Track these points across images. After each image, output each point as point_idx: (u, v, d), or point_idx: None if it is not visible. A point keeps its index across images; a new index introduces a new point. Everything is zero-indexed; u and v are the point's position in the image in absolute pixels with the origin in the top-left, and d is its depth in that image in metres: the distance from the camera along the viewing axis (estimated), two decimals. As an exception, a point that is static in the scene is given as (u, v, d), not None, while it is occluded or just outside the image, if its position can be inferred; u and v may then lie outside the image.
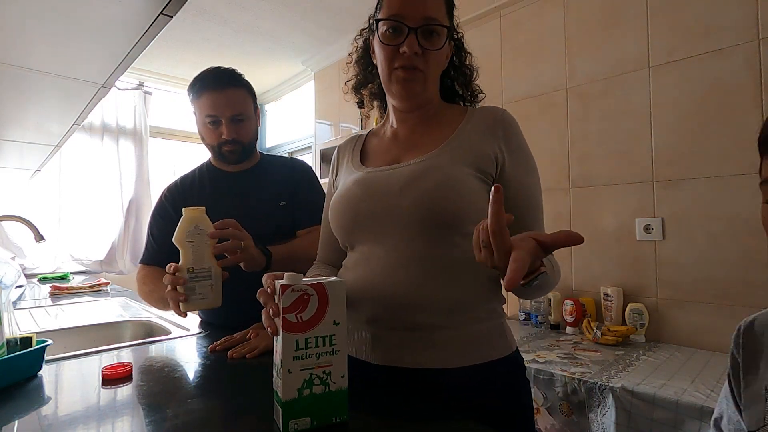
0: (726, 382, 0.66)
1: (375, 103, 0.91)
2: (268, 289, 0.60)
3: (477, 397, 0.68)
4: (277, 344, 0.59)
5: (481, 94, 0.86)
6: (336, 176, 0.90)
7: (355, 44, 0.89)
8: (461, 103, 0.86)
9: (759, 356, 0.61)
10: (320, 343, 0.57)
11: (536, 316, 1.89)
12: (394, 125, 0.84)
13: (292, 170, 1.25)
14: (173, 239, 0.85)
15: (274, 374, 0.59)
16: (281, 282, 0.57)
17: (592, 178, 1.83)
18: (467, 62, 0.85)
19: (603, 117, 1.80)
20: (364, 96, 0.91)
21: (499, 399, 0.69)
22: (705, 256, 1.52)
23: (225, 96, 1.11)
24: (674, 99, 1.61)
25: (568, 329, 1.77)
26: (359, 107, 0.93)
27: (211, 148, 1.18)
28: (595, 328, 1.61)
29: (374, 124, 2.93)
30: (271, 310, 0.58)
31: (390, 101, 0.82)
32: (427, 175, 0.70)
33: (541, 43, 2.01)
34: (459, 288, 0.69)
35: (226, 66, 1.17)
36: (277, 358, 0.58)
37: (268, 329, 0.58)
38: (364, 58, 0.87)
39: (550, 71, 1.97)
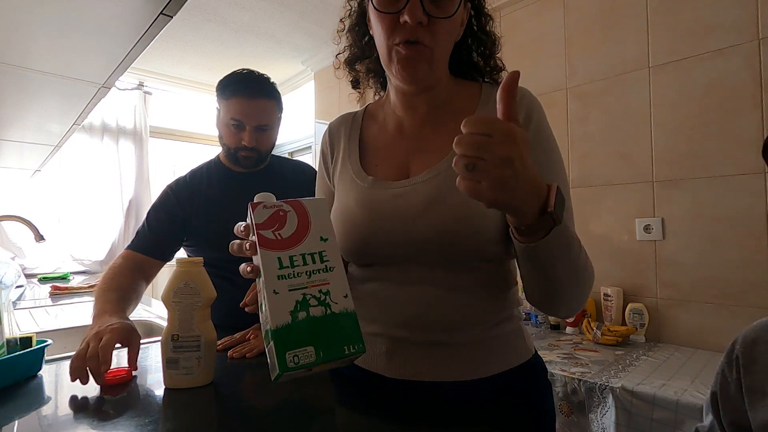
0: (710, 401, 0.58)
1: (372, 81, 0.77)
2: (241, 229, 0.52)
3: (497, 406, 0.64)
4: (259, 278, 0.49)
5: (504, 71, 0.72)
6: (332, 164, 0.76)
7: (348, 7, 0.72)
8: (479, 79, 0.72)
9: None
10: (309, 261, 0.48)
11: (536, 316, 1.89)
12: (398, 111, 0.71)
13: (301, 174, 1.25)
14: (161, 297, 0.73)
15: (261, 319, 0.49)
16: (252, 201, 0.50)
17: (592, 178, 1.83)
18: (488, 29, 0.69)
19: (603, 117, 1.80)
20: (360, 72, 0.75)
21: (519, 405, 0.66)
22: (705, 256, 1.52)
23: (256, 105, 1.10)
24: (674, 99, 1.61)
25: (568, 329, 1.77)
26: (354, 87, 0.79)
27: (227, 150, 1.17)
28: (595, 328, 1.61)
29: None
30: (246, 245, 0.50)
31: (392, 82, 0.69)
32: (446, 200, 0.60)
33: (541, 43, 2.01)
34: (477, 304, 0.63)
35: (267, 76, 1.17)
36: (260, 296, 0.49)
37: (248, 271, 0.50)
38: (359, 26, 0.71)
39: (550, 71, 1.97)
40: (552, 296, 0.59)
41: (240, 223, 0.54)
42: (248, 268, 0.51)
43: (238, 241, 0.54)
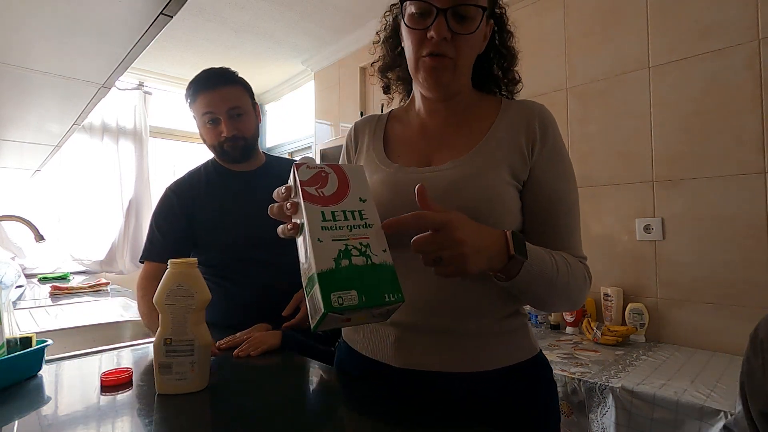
0: (739, 391, 0.58)
1: (400, 88, 0.84)
2: (282, 191, 0.56)
3: (502, 402, 0.65)
4: (300, 235, 0.53)
5: (520, 84, 0.79)
6: (356, 155, 0.82)
7: (384, 21, 0.80)
8: (496, 92, 0.79)
9: None
10: (349, 217, 0.52)
11: (536, 316, 1.89)
12: (422, 114, 0.77)
13: None
14: (153, 300, 0.70)
15: (302, 272, 0.53)
16: (296, 162, 0.55)
17: (592, 178, 1.83)
18: (509, 44, 0.76)
19: (603, 117, 1.80)
20: (391, 79, 0.83)
21: (524, 403, 0.67)
22: (705, 256, 1.52)
23: (220, 93, 1.11)
24: (674, 99, 1.61)
25: (568, 329, 1.77)
26: (385, 92, 0.86)
27: (213, 148, 1.17)
28: (595, 328, 1.61)
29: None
30: (288, 205, 0.54)
31: (418, 89, 0.76)
32: (467, 186, 0.65)
33: (541, 43, 2.01)
34: (486, 292, 0.66)
35: (223, 66, 1.17)
36: (301, 250, 0.53)
37: (288, 229, 0.54)
38: (392, 38, 0.79)
39: (550, 71, 1.97)
40: (540, 307, 0.70)
41: (280, 187, 0.58)
42: (289, 226, 0.55)
43: (278, 204, 0.57)
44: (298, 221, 0.54)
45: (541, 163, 0.68)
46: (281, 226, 0.57)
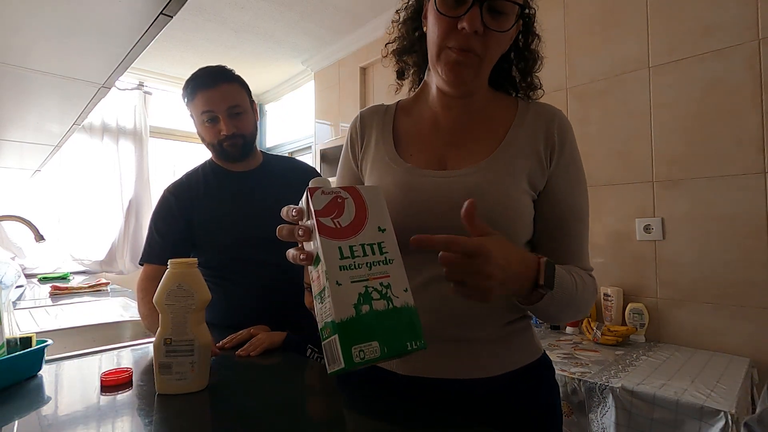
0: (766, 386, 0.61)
1: (414, 75, 0.79)
2: (292, 213, 0.52)
3: (506, 405, 0.65)
4: (315, 267, 0.48)
5: (540, 90, 0.74)
6: (362, 150, 0.77)
7: (405, 0, 0.75)
8: (512, 93, 0.75)
9: None
10: (368, 251, 0.48)
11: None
12: (435, 108, 0.73)
13: (301, 174, 1.24)
14: (153, 300, 0.70)
15: (317, 309, 0.49)
16: (309, 186, 0.49)
17: (592, 178, 1.83)
18: (533, 46, 0.72)
19: (603, 117, 1.80)
20: (407, 64, 0.77)
21: (528, 405, 0.67)
22: (705, 256, 1.52)
23: (218, 91, 1.10)
24: (674, 99, 1.61)
25: (568, 329, 1.77)
26: (399, 77, 0.79)
27: (212, 147, 1.17)
28: (595, 328, 1.61)
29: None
30: (300, 231, 0.50)
31: (435, 80, 0.71)
32: (484, 194, 0.63)
33: (541, 43, 2.01)
34: (494, 301, 0.63)
35: (222, 65, 1.16)
36: (317, 284, 0.49)
37: (301, 259, 0.50)
38: (413, 20, 0.73)
39: (550, 71, 1.96)
40: (546, 321, 0.69)
41: (290, 206, 0.53)
42: (302, 256, 0.51)
43: (287, 225, 0.53)
44: (312, 249, 0.50)
45: (559, 172, 0.67)
46: (293, 252, 0.53)
